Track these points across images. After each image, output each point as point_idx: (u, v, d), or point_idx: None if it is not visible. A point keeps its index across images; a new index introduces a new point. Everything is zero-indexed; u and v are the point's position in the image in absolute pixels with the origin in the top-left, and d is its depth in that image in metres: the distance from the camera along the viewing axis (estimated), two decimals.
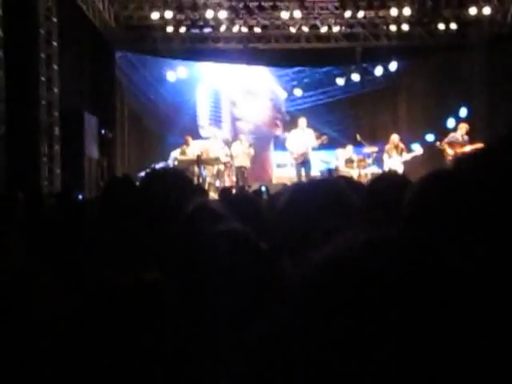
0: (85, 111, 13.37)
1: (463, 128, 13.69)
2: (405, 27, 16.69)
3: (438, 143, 13.82)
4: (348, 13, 16.23)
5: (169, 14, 16.15)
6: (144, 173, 10.02)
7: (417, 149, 14.45)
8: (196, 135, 16.26)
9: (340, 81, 17.54)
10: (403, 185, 2.39)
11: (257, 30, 17.09)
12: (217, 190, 12.93)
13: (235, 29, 16.92)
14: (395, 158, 14.05)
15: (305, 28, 17.07)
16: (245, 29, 16.98)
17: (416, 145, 15.14)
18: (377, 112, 17.57)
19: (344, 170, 14.07)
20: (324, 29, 17.02)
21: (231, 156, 15.17)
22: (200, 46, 17.42)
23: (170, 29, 16.74)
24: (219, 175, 15.02)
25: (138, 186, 3.27)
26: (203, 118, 17.80)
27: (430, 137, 16.02)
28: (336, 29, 17.00)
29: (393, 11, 16.10)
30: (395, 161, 13.98)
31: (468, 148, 12.93)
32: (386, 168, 13.67)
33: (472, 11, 16.07)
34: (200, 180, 13.70)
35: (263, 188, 10.33)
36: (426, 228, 1.09)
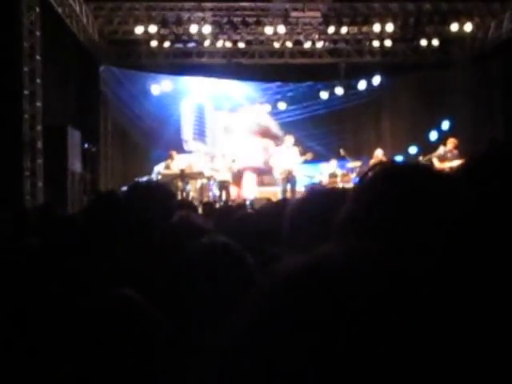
0: (68, 125, 13.31)
1: (451, 143, 13.54)
2: (388, 43, 16.84)
3: (422, 157, 13.83)
4: (331, 28, 16.34)
5: (153, 29, 16.16)
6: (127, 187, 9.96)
7: None
8: (180, 149, 16.22)
9: (324, 95, 17.62)
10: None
11: (241, 45, 17.15)
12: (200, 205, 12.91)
13: (219, 44, 16.98)
14: None
15: (288, 43, 17.15)
16: (229, 44, 17.04)
17: (400, 158, 15.20)
18: (360, 126, 17.65)
19: (328, 185, 14.08)
20: (308, 44, 17.12)
21: (214, 170, 15.15)
22: (184, 61, 17.47)
23: (155, 43, 16.76)
24: (203, 190, 14.99)
25: (121, 199, 3.26)
26: (187, 133, 17.77)
27: (413, 149, 16.14)
28: (319, 44, 17.11)
29: (376, 27, 16.23)
30: None
31: (456, 162, 12.69)
32: None
33: (454, 28, 16.23)
34: (184, 194, 13.67)
35: (248, 202, 10.34)
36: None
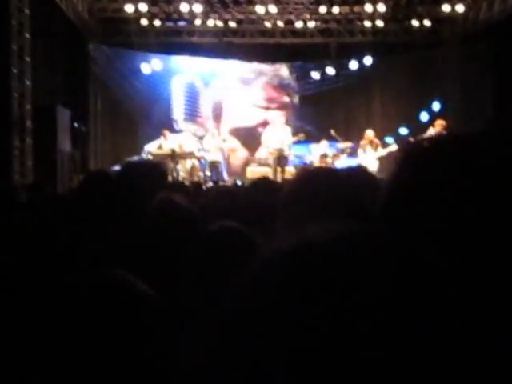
0: (57, 104, 13.21)
1: (440, 125, 13.60)
2: (379, 23, 16.78)
3: (412, 138, 13.82)
4: (323, 8, 16.27)
5: (143, 7, 16.02)
6: (119, 166, 9.93)
7: (392, 145, 14.51)
8: (170, 129, 16.13)
9: (315, 75, 17.56)
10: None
11: (232, 25, 17.05)
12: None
13: (210, 23, 16.86)
14: (370, 154, 14.11)
15: (280, 23, 17.06)
16: (220, 23, 16.93)
17: (390, 139, 15.24)
18: (351, 106, 17.61)
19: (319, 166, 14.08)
20: (299, 24, 17.03)
21: (205, 151, 15.12)
22: (175, 40, 17.34)
23: (145, 22, 16.63)
24: (193, 170, 14.96)
25: (114, 178, 3.23)
26: (178, 112, 17.67)
27: (404, 130, 16.15)
28: (311, 24, 17.02)
29: (367, 7, 16.18)
30: (370, 156, 14.04)
31: None
32: (362, 163, 13.71)
33: (445, 8, 16.21)
34: (174, 175, 13.62)
35: (238, 182, 10.34)
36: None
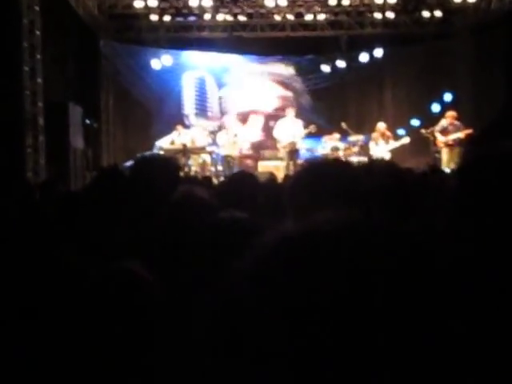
0: (69, 101, 13.25)
1: (450, 116, 13.67)
2: (390, 15, 16.68)
3: (424, 131, 13.77)
4: (333, 1, 16.19)
5: (153, 3, 16.03)
6: (131, 161, 9.94)
7: (404, 137, 14.47)
8: (182, 124, 16.15)
9: (325, 68, 17.48)
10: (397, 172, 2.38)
11: (241, 19, 17.01)
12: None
13: (220, 17, 16.83)
14: (382, 146, 14.07)
15: (290, 16, 17.00)
16: (229, 17, 16.89)
17: (402, 131, 15.18)
18: (362, 99, 17.53)
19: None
20: (309, 17, 16.96)
21: (217, 145, 15.13)
22: (185, 35, 17.32)
23: (155, 17, 16.62)
24: (205, 165, 14.97)
25: (128, 174, 3.24)
26: (189, 107, 17.69)
27: (416, 122, 16.06)
28: (321, 17, 16.95)
29: None
30: (382, 149, 14.00)
31: (459, 134, 13.12)
32: (374, 156, 13.67)
33: None
34: (186, 169, 13.64)
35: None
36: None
